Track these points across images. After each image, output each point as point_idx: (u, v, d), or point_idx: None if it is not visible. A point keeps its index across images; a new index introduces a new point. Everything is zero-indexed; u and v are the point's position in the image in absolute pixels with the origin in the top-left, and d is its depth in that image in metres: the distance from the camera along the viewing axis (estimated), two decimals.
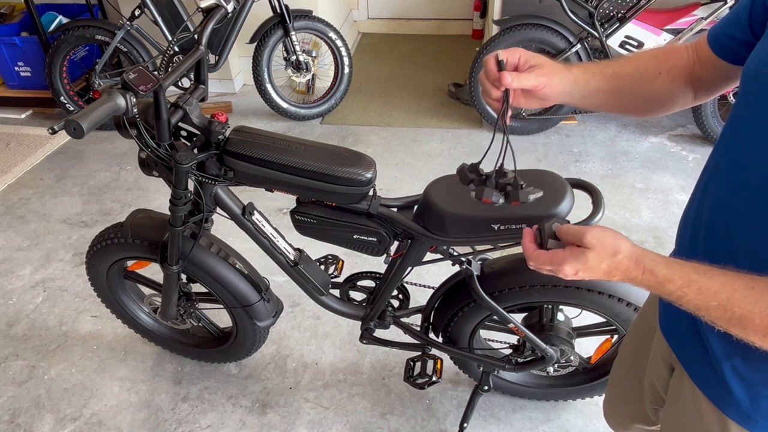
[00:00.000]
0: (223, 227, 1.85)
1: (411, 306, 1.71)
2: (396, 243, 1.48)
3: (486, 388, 1.73)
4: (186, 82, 3.38)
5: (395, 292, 1.68)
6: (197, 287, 1.76)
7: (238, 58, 3.98)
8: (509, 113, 0.85)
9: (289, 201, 2.80)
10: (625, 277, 0.72)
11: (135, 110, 1.09)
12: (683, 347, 0.84)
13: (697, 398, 0.81)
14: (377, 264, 2.22)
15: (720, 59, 0.81)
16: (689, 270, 0.68)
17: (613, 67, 0.89)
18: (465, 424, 1.77)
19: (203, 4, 1.40)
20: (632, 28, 2.96)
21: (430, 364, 1.71)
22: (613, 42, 3.00)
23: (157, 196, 2.96)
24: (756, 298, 0.64)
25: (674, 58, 0.86)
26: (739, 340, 0.67)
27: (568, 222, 0.80)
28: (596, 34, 2.98)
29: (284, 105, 3.53)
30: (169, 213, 1.46)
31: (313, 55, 3.46)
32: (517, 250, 1.52)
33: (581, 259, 0.73)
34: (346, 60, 3.45)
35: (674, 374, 0.88)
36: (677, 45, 0.87)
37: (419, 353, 1.73)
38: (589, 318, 1.67)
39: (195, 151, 1.33)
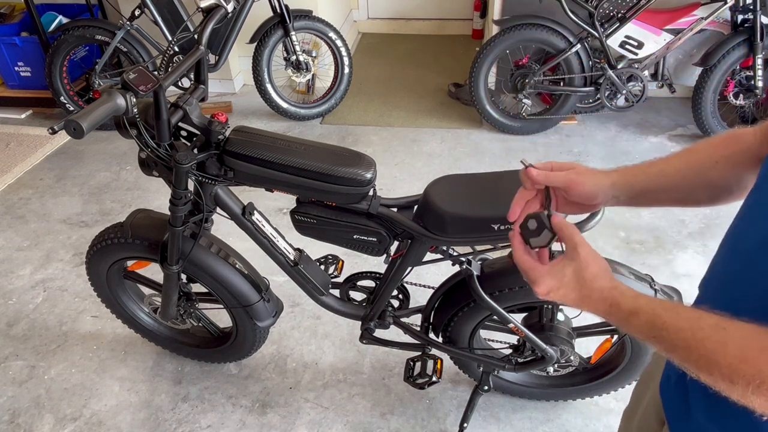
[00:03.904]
0: (223, 227, 1.85)
1: (411, 306, 1.71)
2: (396, 243, 1.48)
3: (486, 388, 1.73)
4: (186, 82, 3.38)
5: (395, 292, 1.68)
6: (197, 287, 1.76)
7: (238, 58, 3.98)
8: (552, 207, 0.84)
9: (289, 201, 2.80)
10: (594, 308, 0.72)
11: (135, 110, 1.09)
12: (670, 403, 0.82)
13: None
14: (377, 264, 2.22)
15: None
16: (657, 306, 0.67)
17: (659, 165, 0.84)
18: (465, 424, 1.77)
19: (203, 4, 1.40)
20: (632, 28, 2.96)
21: (430, 364, 1.71)
22: (613, 42, 3.00)
23: (157, 196, 2.96)
24: (722, 339, 0.59)
25: (734, 144, 0.81)
26: (719, 403, 0.63)
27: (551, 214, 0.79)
28: (596, 34, 2.98)
29: (284, 105, 3.53)
30: (169, 213, 1.46)
31: (313, 55, 3.46)
32: None
33: (558, 276, 0.73)
34: (346, 60, 3.45)
35: (663, 429, 0.85)
36: (740, 130, 0.81)
37: (419, 353, 1.73)
38: (589, 318, 1.67)
39: (195, 151, 1.33)
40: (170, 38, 3.26)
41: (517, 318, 1.56)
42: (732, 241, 0.72)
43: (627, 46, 3.01)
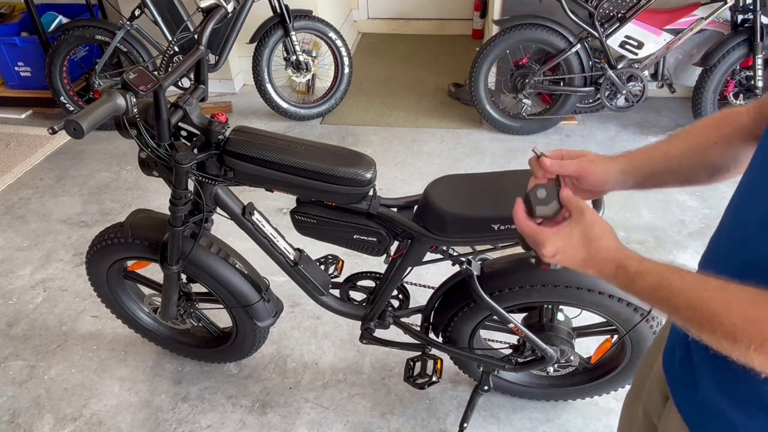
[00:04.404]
0: (223, 227, 1.85)
1: (411, 306, 1.71)
2: (396, 243, 1.48)
3: (486, 388, 1.73)
4: (186, 82, 3.38)
5: (395, 292, 1.68)
6: (197, 287, 1.76)
7: (238, 58, 3.98)
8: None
9: (289, 201, 2.80)
10: (599, 270, 0.73)
11: (135, 110, 1.09)
12: (675, 378, 0.83)
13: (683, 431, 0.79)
14: (377, 264, 2.22)
15: None
16: (662, 268, 0.68)
17: (662, 148, 0.87)
18: (465, 424, 1.77)
19: (203, 4, 1.40)
20: (632, 28, 2.96)
21: (430, 364, 1.71)
22: (613, 42, 3.01)
23: (157, 196, 2.96)
24: (726, 299, 0.61)
25: (729, 123, 0.83)
26: (729, 378, 0.65)
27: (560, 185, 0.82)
28: (596, 34, 2.98)
29: (284, 105, 3.53)
30: (169, 213, 1.46)
31: (313, 55, 3.46)
32: (517, 250, 1.53)
33: (565, 238, 0.74)
34: (346, 60, 3.45)
35: (667, 404, 0.87)
36: (734, 109, 0.84)
37: (419, 353, 1.73)
38: (589, 318, 1.67)
39: (195, 151, 1.33)
40: (170, 38, 3.26)
41: (517, 318, 1.56)
42: (734, 215, 0.73)
43: (627, 46, 3.02)
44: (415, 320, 1.73)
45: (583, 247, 0.74)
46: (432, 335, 1.67)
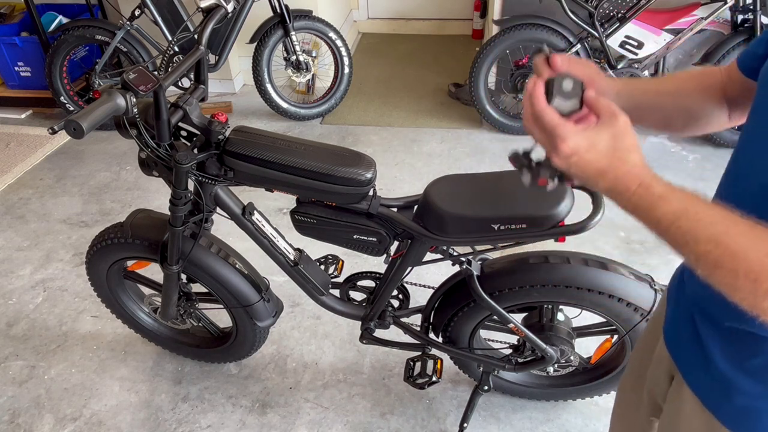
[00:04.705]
0: (223, 227, 1.85)
1: (411, 306, 1.71)
2: (396, 243, 1.48)
3: (486, 388, 1.73)
4: (186, 82, 3.38)
5: (395, 292, 1.68)
6: (197, 287, 1.76)
7: (238, 58, 3.98)
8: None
9: (289, 201, 2.80)
10: (615, 184, 0.67)
11: (135, 110, 1.09)
12: (683, 356, 0.84)
13: (696, 408, 0.80)
14: (377, 264, 2.22)
15: (747, 78, 0.82)
16: (689, 194, 0.64)
17: (655, 84, 0.91)
18: (465, 424, 1.77)
19: (203, 4, 1.40)
20: (632, 28, 2.96)
21: (430, 364, 1.71)
22: (613, 42, 3.00)
23: (157, 196, 2.96)
24: (758, 235, 0.59)
25: (708, 78, 0.89)
26: (739, 350, 0.65)
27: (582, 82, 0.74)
28: (596, 34, 2.98)
29: (284, 105, 3.53)
30: (169, 213, 1.46)
31: (313, 55, 3.46)
32: (517, 250, 1.53)
33: (590, 138, 0.66)
34: (346, 60, 3.45)
35: (673, 383, 0.88)
36: (712, 68, 0.91)
37: (419, 353, 1.73)
38: (589, 318, 1.67)
39: (195, 151, 1.33)
40: (170, 38, 3.26)
41: (517, 318, 1.56)
42: (753, 140, 0.73)
43: (627, 46, 3.01)
44: (415, 320, 1.73)
45: (609, 153, 0.66)
46: (432, 335, 1.67)
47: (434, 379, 1.68)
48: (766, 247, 0.58)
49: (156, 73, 1.16)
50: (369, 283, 1.69)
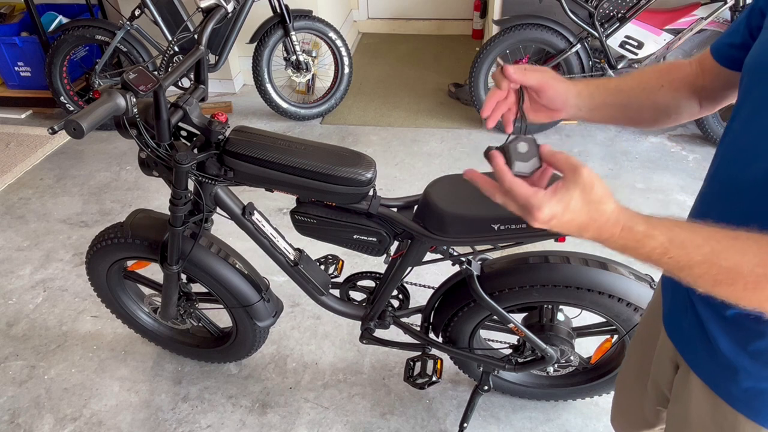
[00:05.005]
0: (223, 227, 1.85)
1: (411, 306, 1.71)
2: (396, 243, 1.48)
3: (486, 388, 1.73)
4: (186, 82, 3.38)
5: (395, 292, 1.68)
6: (197, 287, 1.76)
7: (238, 58, 3.98)
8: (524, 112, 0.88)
9: (289, 201, 2.80)
10: (599, 234, 0.67)
11: (135, 110, 1.09)
12: (687, 344, 0.84)
13: (705, 394, 0.81)
14: (377, 264, 2.22)
15: (722, 67, 0.84)
16: (670, 224, 0.65)
17: (615, 82, 0.92)
18: (465, 424, 1.77)
19: (203, 4, 1.40)
20: (632, 28, 2.96)
21: (430, 364, 1.71)
22: (613, 42, 3.01)
23: (157, 196, 2.96)
24: (742, 248, 0.61)
25: (677, 71, 0.90)
26: (743, 335, 0.65)
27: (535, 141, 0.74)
28: (596, 34, 2.98)
29: (284, 105, 3.53)
30: (169, 213, 1.46)
31: (313, 55, 3.46)
32: (517, 250, 1.53)
33: (563, 201, 0.66)
34: (346, 60, 3.45)
35: (679, 372, 0.89)
36: (680, 60, 0.91)
37: (419, 353, 1.73)
38: (589, 318, 1.67)
39: (195, 151, 1.33)
40: (170, 38, 3.26)
41: (517, 318, 1.56)
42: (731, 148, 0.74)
43: (627, 46, 3.02)
44: (415, 320, 1.73)
45: (584, 209, 0.66)
46: (432, 335, 1.67)
47: (434, 379, 1.68)
48: (753, 258, 0.60)
49: (156, 73, 1.16)
50: (369, 283, 1.69)
